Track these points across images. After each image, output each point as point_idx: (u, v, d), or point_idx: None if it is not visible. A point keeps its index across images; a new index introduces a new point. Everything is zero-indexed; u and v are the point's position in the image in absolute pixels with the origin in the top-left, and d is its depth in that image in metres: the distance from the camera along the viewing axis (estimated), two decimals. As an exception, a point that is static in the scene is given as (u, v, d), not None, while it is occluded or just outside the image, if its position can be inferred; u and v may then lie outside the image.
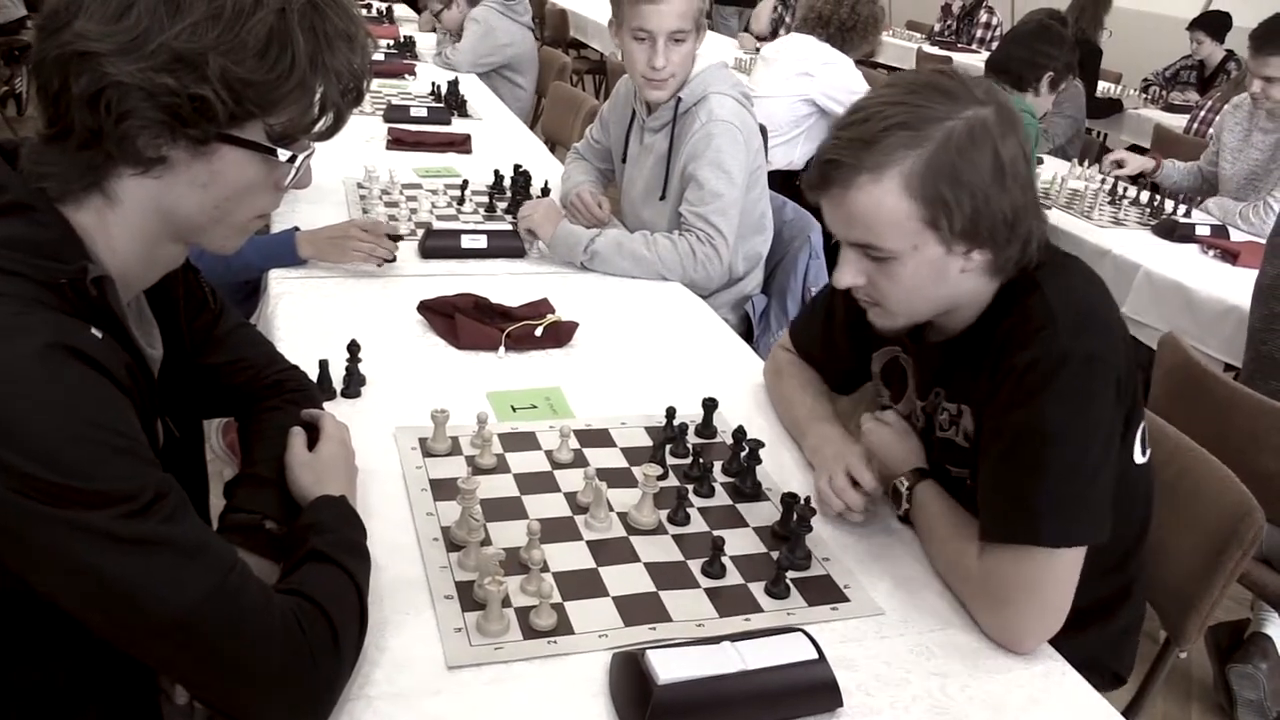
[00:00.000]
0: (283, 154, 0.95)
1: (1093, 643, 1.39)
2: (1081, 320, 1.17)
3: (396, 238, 2.05)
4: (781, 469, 1.48)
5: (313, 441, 1.23)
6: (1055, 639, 1.17)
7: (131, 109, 0.86)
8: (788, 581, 1.21)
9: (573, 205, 2.41)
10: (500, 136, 3.34)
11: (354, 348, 1.55)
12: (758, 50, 4.04)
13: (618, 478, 1.39)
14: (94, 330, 0.89)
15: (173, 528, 0.87)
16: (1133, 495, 1.33)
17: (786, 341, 1.68)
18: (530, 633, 1.09)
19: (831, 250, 3.31)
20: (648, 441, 1.50)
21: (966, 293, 1.24)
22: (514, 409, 1.57)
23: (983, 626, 1.18)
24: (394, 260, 2.02)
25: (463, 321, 1.76)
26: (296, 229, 2.03)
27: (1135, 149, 5.47)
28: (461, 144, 3.06)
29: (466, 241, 2.16)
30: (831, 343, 1.57)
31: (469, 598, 1.13)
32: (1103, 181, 3.64)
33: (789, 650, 1.03)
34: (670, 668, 0.97)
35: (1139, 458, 1.30)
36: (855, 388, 1.62)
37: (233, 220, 0.99)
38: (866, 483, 1.34)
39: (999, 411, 1.20)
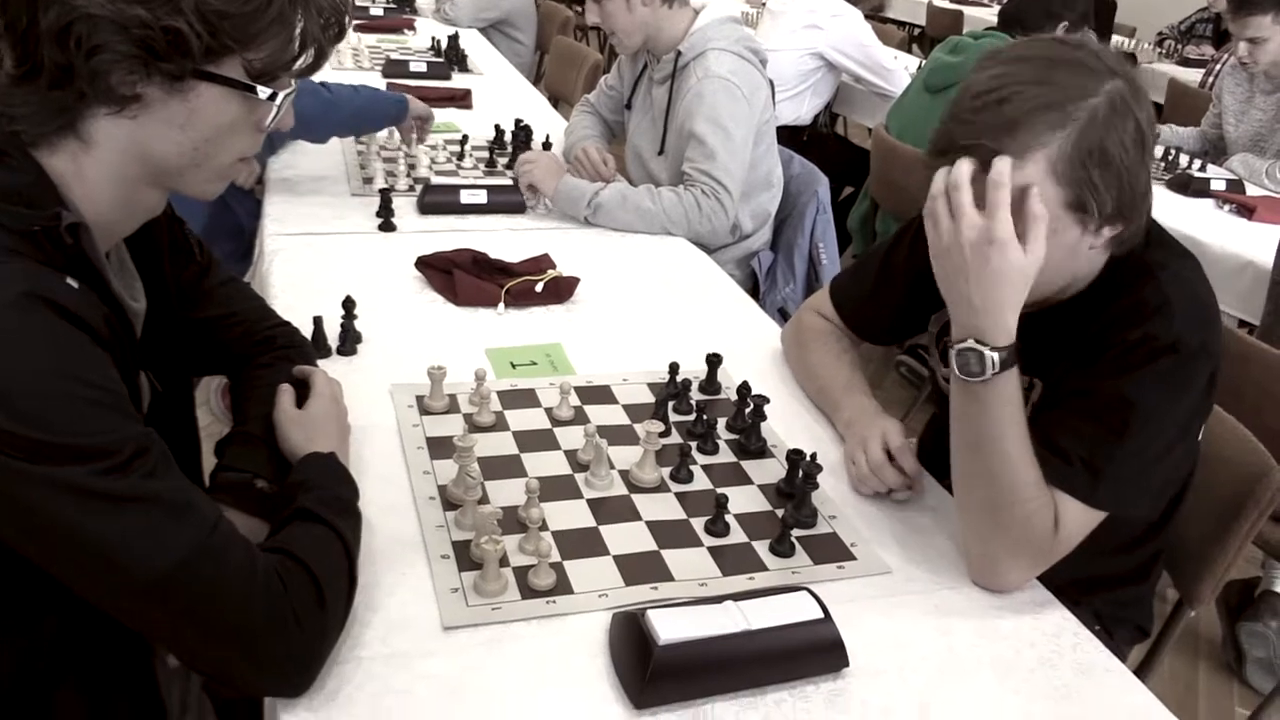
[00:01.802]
0: (263, 91, 0.92)
1: (1127, 601, 1.44)
2: (1197, 310, 1.17)
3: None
4: (787, 426, 1.45)
5: (304, 398, 1.20)
6: (1092, 596, 1.17)
7: (102, 43, 0.82)
8: (793, 540, 1.19)
9: (578, 160, 2.37)
10: (501, 92, 3.29)
11: (349, 304, 1.53)
12: (764, 4, 3.97)
13: (619, 435, 1.37)
14: (70, 280, 0.86)
15: (154, 484, 0.84)
16: (1182, 470, 1.34)
17: (816, 304, 1.61)
18: (528, 592, 1.07)
19: (840, 206, 3.27)
20: (650, 398, 1.47)
21: (1084, 268, 1.21)
22: (513, 366, 1.55)
23: (973, 547, 1.18)
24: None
25: (461, 277, 1.74)
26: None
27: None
28: (462, 99, 3.01)
29: (466, 197, 2.13)
30: (884, 298, 1.50)
31: (466, 557, 1.11)
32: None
33: (794, 609, 1.01)
34: (672, 628, 0.95)
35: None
36: (892, 342, 1.57)
37: (213, 163, 0.95)
38: (909, 465, 1.30)
39: (1093, 375, 1.17)
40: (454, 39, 3.58)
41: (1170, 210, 2.90)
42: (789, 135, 3.37)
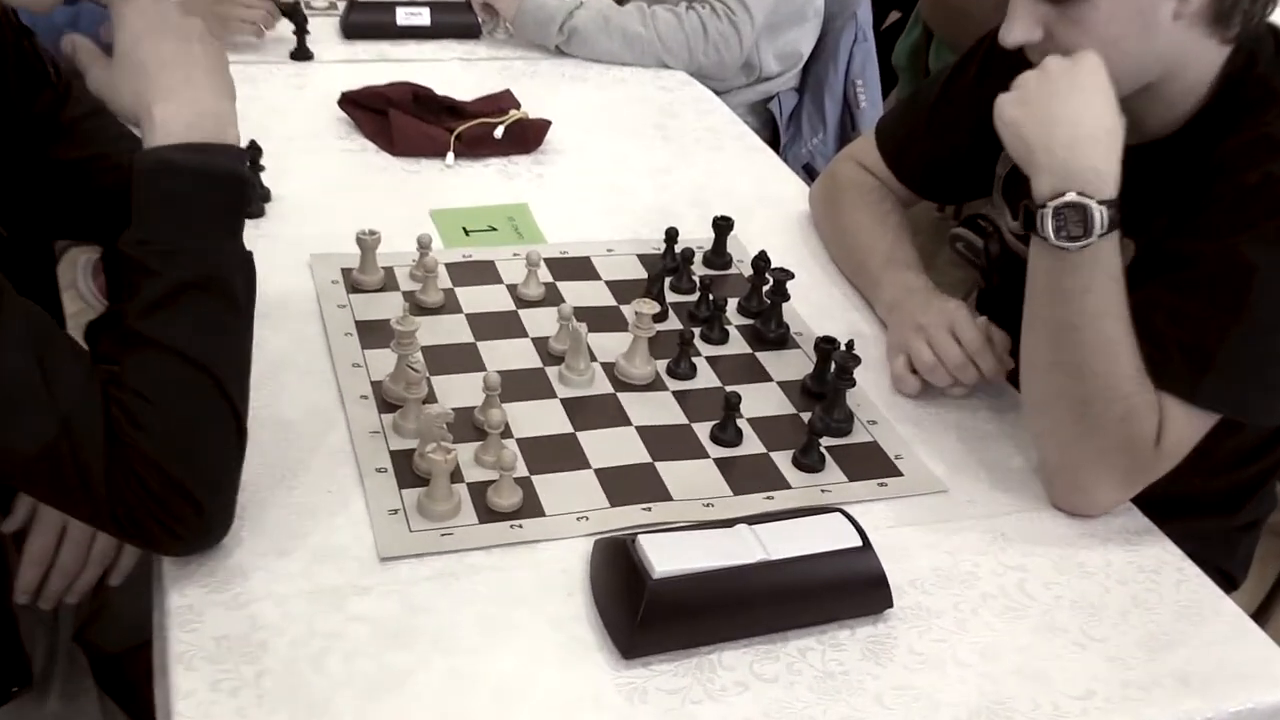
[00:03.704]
0: None
1: (1208, 535, 1.40)
2: None
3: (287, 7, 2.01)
4: (814, 308, 1.45)
5: None
6: (1164, 523, 1.17)
7: None
8: (822, 450, 1.19)
9: None
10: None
11: (254, 152, 1.52)
12: None
13: (602, 319, 1.37)
14: None
15: None
16: None
17: (856, 153, 1.60)
18: (488, 515, 1.08)
19: (883, 36, 3.20)
20: (641, 273, 1.47)
21: (1176, 62, 1.16)
22: (467, 232, 1.54)
23: (1051, 457, 1.17)
24: (269, 29, 2.00)
25: (399, 119, 1.73)
26: None
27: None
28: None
29: (403, 17, 2.14)
30: (943, 138, 1.48)
31: (408, 471, 1.11)
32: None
33: (824, 536, 1.01)
34: (669, 558, 0.95)
35: None
36: (953, 199, 1.54)
37: None
38: (988, 366, 1.27)
39: (1198, 234, 1.13)
40: None
41: None
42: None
